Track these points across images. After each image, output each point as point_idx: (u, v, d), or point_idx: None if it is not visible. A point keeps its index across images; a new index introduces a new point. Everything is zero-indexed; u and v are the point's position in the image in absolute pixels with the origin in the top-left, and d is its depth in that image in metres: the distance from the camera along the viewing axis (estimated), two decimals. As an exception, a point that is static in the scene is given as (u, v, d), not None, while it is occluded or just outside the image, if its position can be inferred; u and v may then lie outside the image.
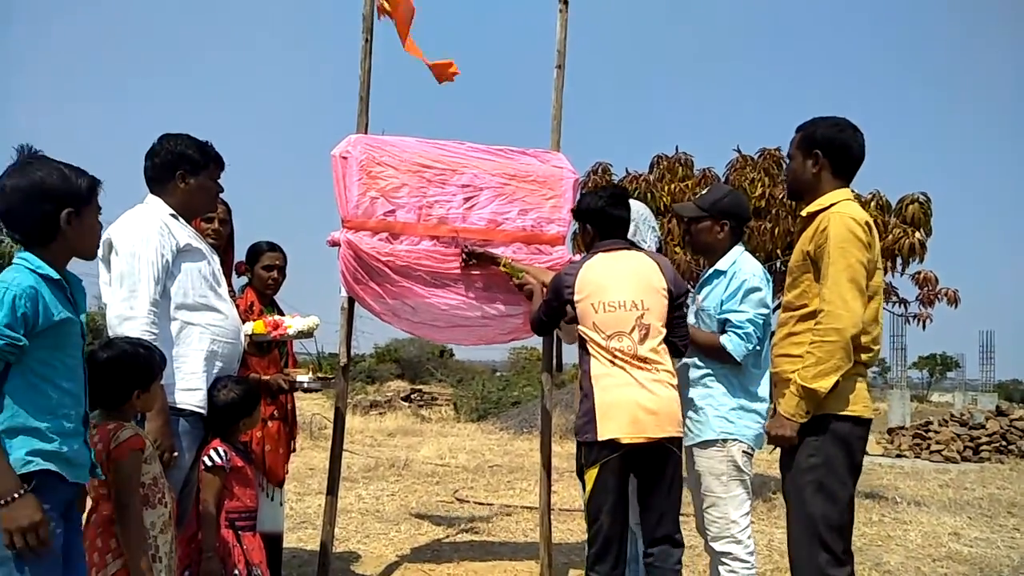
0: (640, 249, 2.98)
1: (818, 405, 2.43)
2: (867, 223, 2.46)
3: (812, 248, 2.51)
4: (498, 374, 23.68)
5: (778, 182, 6.56)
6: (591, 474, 2.68)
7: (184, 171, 2.65)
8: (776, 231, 6.28)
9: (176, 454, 2.43)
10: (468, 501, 6.44)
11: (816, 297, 2.48)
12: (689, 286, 3.59)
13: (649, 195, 6.59)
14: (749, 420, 2.89)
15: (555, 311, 2.98)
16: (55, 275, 1.86)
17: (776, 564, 4.61)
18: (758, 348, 2.90)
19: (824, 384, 2.39)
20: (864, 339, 2.46)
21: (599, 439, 2.64)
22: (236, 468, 2.76)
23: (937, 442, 11.12)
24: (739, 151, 7.02)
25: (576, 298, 2.81)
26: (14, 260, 1.87)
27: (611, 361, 2.71)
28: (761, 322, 2.89)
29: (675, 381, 2.76)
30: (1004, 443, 10.97)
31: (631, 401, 2.64)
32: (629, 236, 3.25)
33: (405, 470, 8.21)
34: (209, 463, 2.66)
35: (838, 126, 2.57)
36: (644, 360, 2.69)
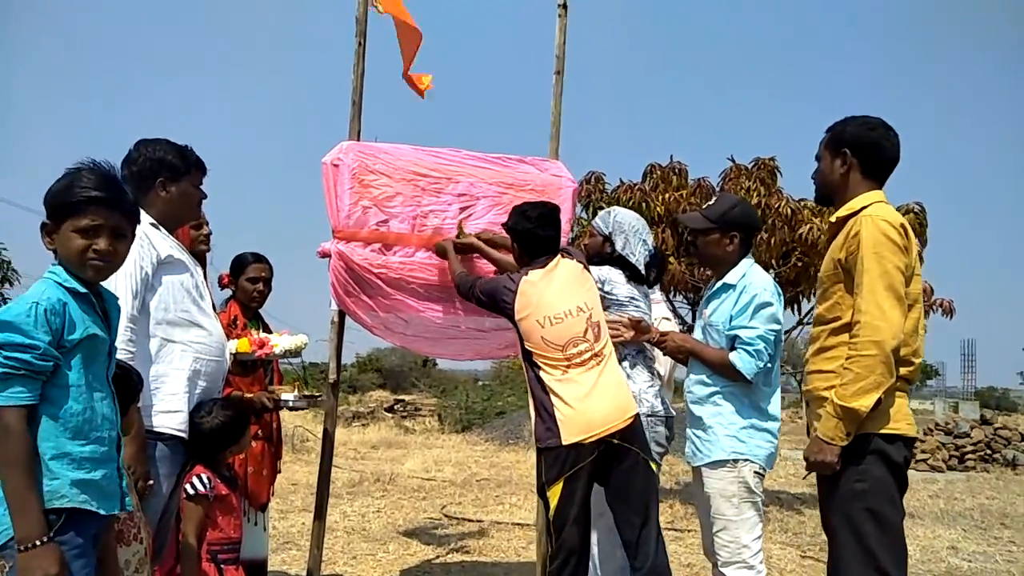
0: (562, 253, 3.01)
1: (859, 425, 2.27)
2: (903, 225, 2.30)
3: (843, 255, 2.35)
4: (480, 383, 23.44)
5: (773, 191, 6.50)
6: (556, 489, 2.76)
7: (164, 178, 2.49)
8: (772, 241, 6.20)
9: (152, 482, 2.26)
10: (457, 518, 6.27)
11: (850, 308, 2.31)
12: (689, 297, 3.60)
13: (643, 204, 6.49)
14: (760, 439, 2.77)
15: (485, 306, 3.07)
16: (82, 289, 1.79)
17: (777, 583, 4.50)
18: (769, 365, 2.78)
19: (865, 403, 2.20)
20: (904, 351, 2.29)
21: (564, 444, 2.73)
22: (220, 496, 2.58)
23: (923, 451, 11.14)
24: (733, 160, 6.96)
25: (518, 316, 2.88)
26: (45, 273, 1.81)
27: (564, 370, 2.81)
28: (772, 339, 2.77)
29: (616, 360, 2.95)
30: (989, 452, 11.03)
31: (587, 403, 2.75)
32: (618, 249, 3.34)
33: (391, 485, 8.02)
34: (192, 491, 2.48)
35: (868, 124, 2.44)
36: (599, 355, 2.84)
